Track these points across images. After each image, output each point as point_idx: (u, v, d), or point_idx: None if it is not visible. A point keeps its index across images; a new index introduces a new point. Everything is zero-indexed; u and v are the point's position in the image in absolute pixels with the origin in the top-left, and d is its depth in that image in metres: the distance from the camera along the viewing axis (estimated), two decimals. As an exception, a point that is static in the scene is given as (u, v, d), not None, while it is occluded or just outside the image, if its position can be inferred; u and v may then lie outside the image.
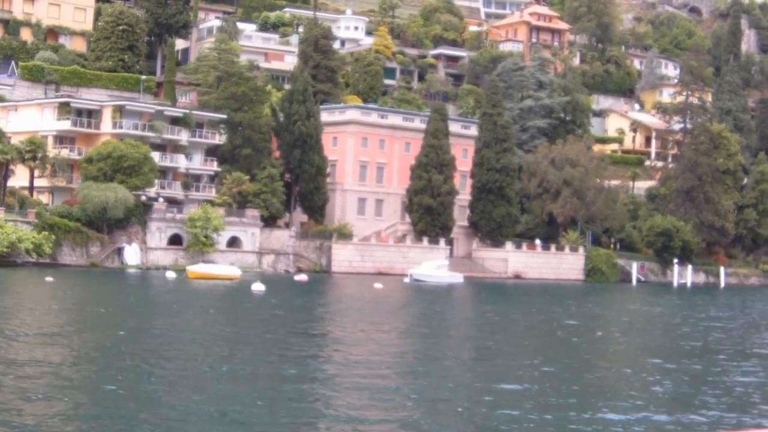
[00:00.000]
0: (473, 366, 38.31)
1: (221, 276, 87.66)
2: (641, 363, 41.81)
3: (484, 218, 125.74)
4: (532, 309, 73.68)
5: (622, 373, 38.57)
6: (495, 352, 43.06)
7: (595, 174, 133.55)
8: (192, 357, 36.03)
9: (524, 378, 34.25)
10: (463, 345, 46.31)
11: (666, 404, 30.41)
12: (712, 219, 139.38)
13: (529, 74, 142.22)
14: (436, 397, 29.65)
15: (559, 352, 44.45)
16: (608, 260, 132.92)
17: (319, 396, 28.75)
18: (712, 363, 42.12)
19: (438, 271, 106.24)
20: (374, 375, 33.27)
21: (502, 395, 30.32)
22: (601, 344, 50.66)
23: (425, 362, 37.68)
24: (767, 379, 37.91)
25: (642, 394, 32.15)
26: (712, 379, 37.01)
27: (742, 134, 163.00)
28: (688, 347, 49.06)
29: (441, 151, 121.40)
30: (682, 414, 28.47)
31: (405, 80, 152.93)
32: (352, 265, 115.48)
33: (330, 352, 39.65)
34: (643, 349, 48.49)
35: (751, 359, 44.49)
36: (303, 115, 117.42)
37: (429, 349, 42.37)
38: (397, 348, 43.13)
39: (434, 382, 32.38)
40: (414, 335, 49.42)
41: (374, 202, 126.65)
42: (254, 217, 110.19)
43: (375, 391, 29.62)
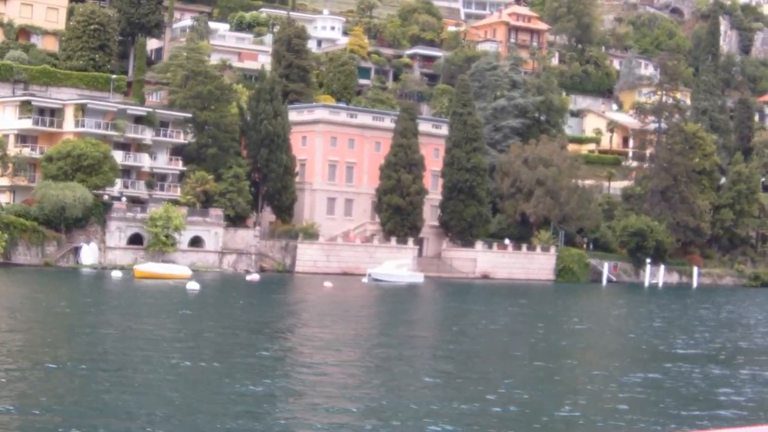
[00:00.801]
0: (364, 368, 37.64)
1: (169, 276, 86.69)
2: (509, 363, 41.08)
3: (454, 218, 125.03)
4: (467, 308, 72.95)
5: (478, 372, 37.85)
6: (393, 354, 42.34)
7: (569, 174, 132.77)
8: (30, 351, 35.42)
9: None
10: (362, 349, 45.47)
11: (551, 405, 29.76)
12: (687, 219, 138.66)
13: (503, 74, 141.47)
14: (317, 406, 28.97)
15: (438, 350, 43.78)
16: (580, 260, 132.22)
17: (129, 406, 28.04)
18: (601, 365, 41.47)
19: (398, 271, 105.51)
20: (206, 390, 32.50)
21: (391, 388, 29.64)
22: (482, 342, 49.97)
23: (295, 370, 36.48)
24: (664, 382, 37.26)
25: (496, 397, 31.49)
26: (603, 379, 36.35)
27: (720, 134, 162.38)
28: (581, 347, 48.43)
29: (410, 150, 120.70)
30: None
31: (379, 80, 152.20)
32: (316, 265, 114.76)
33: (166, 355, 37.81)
34: (529, 349, 47.78)
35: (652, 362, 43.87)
36: (270, 114, 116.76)
37: (313, 354, 41.08)
38: (261, 350, 40.05)
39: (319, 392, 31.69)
40: (298, 338, 47.88)
41: (344, 202, 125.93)
42: (218, 217, 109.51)
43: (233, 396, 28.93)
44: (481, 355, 42.75)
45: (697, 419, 28.58)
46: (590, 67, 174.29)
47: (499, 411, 27.78)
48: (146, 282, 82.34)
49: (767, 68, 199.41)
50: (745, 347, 51.79)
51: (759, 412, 30.68)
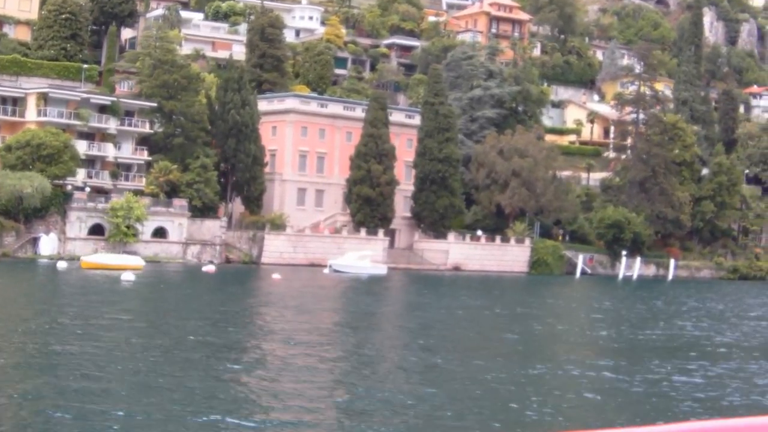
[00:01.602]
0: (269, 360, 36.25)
1: (118, 266, 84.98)
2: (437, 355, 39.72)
3: (426, 209, 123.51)
4: (420, 301, 71.55)
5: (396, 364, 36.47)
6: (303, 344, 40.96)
7: (545, 165, 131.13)
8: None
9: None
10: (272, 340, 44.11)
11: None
12: (665, 211, 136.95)
13: (479, 63, 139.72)
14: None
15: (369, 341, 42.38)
16: (555, 252, 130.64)
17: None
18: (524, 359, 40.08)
19: (360, 262, 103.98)
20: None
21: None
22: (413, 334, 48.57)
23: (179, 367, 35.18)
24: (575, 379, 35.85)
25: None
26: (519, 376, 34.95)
27: (703, 126, 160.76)
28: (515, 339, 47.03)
29: (380, 140, 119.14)
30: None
31: (356, 70, 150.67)
32: (283, 257, 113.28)
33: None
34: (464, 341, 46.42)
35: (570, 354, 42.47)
36: (238, 104, 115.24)
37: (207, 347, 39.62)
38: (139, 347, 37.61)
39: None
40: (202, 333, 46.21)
41: (314, 193, 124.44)
42: (182, 207, 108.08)
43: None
44: (408, 349, 41.33)
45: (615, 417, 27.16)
46: (572, 57, 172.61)
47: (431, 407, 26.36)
48: (90, 273, 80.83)
49: (753, 59, 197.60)
50: (642, 340, 50.36)
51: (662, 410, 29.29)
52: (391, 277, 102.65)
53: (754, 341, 51.39)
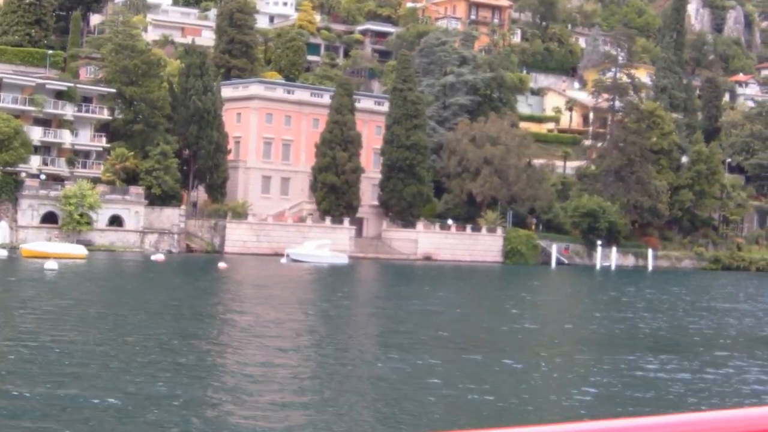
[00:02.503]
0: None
1: (60, 255, 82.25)
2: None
3: (394, 197, 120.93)
4: (363, 292, 69.07)
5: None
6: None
7: (518, 152, 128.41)
8: None
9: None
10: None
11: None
12: (641, 200, 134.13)
13: (452, 50, 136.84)
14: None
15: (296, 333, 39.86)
16: (528, 242, 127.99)
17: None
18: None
19: (318, 251, 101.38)
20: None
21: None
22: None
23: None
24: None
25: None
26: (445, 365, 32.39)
27: (686, 114, 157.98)
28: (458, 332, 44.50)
29: (346, 127, 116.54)
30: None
31: (329, 56, 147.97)
32: (245, 246, 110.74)
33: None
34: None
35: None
36: (200, 90, 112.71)
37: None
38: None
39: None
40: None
41: (280, 181, 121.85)
42: (138, 195, 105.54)
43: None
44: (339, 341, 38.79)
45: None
46: (553, 44, 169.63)
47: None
48: (26, 261, 78.28)
49: (740, 47, 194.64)
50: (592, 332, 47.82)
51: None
52: (354, 266, 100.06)
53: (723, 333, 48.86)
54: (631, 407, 25.78)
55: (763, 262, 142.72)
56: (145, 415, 22.20)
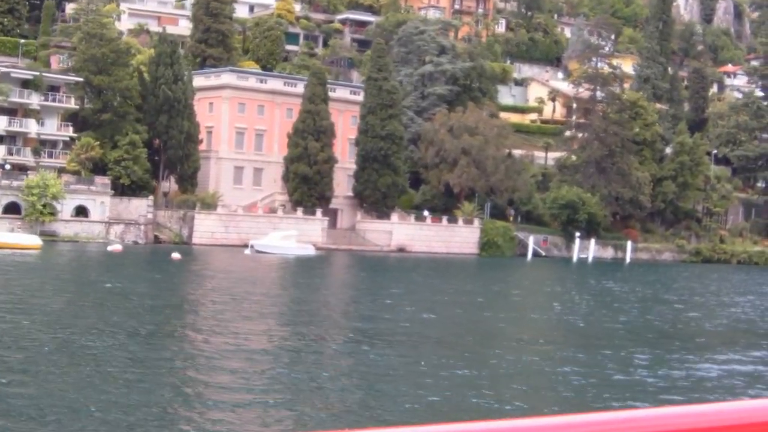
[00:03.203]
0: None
1: (13, 245, 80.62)
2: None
3: (368, 188, 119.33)
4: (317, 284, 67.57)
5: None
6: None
7: (496, 143, 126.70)
8: None
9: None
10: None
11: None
12: (622, 191, 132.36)
13: (430, 39, 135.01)
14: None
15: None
16: (505, 233, 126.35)
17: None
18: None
19: (284, 242, 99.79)
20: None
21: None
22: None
23: None
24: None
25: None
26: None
27: (671, 105, 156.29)
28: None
29: (318, 117, 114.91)
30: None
31: (308, 46, 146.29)
32: (214, 237, 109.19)
33: None
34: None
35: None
36: (170, 79, 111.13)
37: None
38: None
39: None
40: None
41: (252, 171, 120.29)
42: (104, 185, 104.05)
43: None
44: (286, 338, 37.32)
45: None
46: (538, 34, 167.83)
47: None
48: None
49: (729, 38, 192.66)
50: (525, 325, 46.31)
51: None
52: (321, 258, 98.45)
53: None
54: (561, 403, 24.31)
55: (745, 255, 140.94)
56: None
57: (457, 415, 22.65)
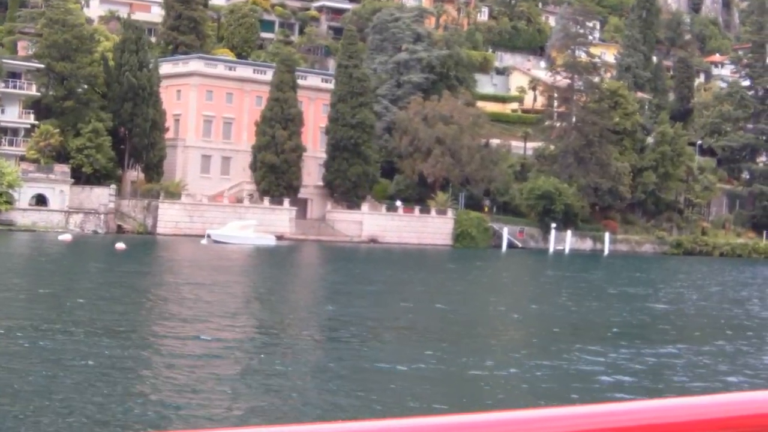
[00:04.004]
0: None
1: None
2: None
3: (338, 178, 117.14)
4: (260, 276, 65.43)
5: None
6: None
7: (471, 132, 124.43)
8: None
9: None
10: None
11: None
12: (600, 181, 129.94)
13: (405, 26, 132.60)
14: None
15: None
16: (479, 224, 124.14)
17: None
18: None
19: (242, 232, 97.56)
20: None
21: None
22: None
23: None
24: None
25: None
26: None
27: (655, 94, 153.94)
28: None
29: (286, 105, 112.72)
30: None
31: (283, 33, 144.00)
32: (179, 227, 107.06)
33: None
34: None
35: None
36: (135, 66, 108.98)
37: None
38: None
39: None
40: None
41: (220, 160, 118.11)
42: (64, 174, 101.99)
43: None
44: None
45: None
46: (522, 23, 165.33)
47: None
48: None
49: (717, 27, 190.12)
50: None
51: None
52: (286, 248, 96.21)
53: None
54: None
55: (727, 247, 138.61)
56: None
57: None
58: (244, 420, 19.80)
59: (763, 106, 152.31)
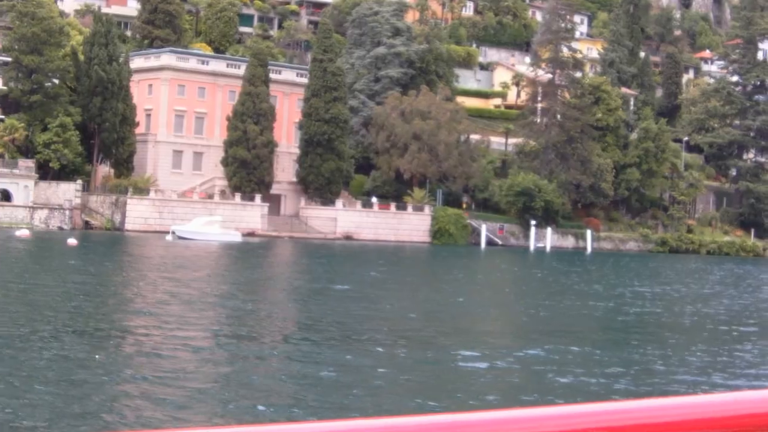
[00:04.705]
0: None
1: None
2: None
3: (312, 173, 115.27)
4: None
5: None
6: None
7: (448, 127, 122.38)
8: None
9: None
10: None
11: None
12: (580, 178, 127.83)
13: (384, 20, 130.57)
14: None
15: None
16: (457, 221, 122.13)
17: None
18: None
19: (207, 228, 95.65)
20: None
21: None
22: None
23: None
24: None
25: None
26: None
27: (641, 90, 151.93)
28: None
29: (258, 99, 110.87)
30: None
31: (262, 28, 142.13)
32: (147, 223, 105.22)
33: None
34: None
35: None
36: (104, 59, 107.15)
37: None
38: None
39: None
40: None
41: (192, 156, 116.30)
42: (28, 169, 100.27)
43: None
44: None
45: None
46: (507, 18, 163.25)
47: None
48: None
49: (708, 23, 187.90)
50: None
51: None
52: (255, 245, 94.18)
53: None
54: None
55: (714, 245, 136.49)
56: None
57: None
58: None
59: (750, 102, 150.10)
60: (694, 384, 24.91)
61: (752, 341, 35.78)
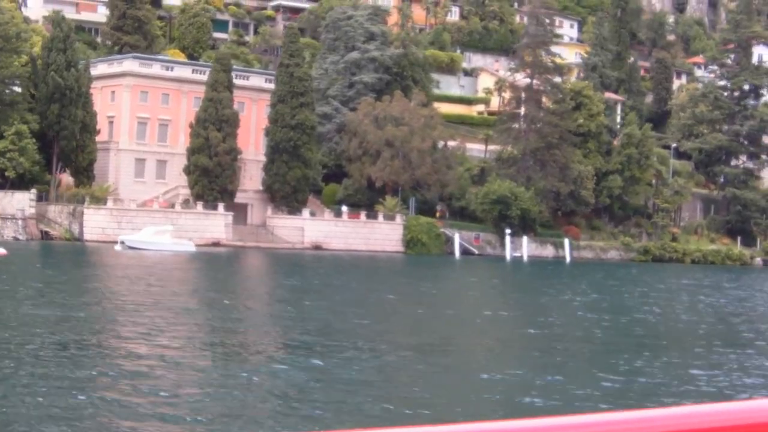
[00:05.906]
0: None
1: None
2: None
3: (278, 182, 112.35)
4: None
5: None
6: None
7: (422, 134, 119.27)
8: None
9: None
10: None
11: None
12: (558, 185, 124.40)
13: (358, 24, 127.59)
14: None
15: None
16: (430, 230, 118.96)
17: None
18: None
19: (158, 238, 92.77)
20: None
21: None
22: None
23: None
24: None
25: None
26: None
27: (629, 96, 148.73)
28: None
29: (221, 105, 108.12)
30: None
31: (237, 34, 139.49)
32: (106, 233, 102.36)
33: None
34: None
35: None
36: (62, 65, 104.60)
37: None
38: None
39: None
40: None
41: (155, 164, 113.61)
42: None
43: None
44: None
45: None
46: (493, 23, 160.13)
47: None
48: None
49: (702, 28, 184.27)
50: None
51: None
52: (211, 256, 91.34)
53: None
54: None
55: (699, 253, 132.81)
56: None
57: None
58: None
59: (738, 106, 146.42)
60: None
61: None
